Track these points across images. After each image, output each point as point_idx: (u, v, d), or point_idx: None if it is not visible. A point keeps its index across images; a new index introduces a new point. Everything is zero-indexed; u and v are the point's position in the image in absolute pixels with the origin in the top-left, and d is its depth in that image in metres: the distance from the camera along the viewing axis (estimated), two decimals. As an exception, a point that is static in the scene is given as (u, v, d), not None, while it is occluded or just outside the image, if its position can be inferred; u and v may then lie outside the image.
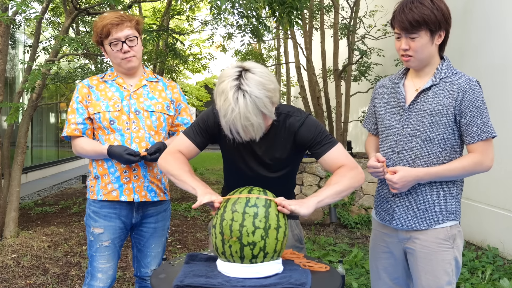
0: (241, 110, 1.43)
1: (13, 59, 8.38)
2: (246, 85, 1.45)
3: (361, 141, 8.91)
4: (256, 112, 1.45)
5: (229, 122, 1.45)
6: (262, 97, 1.46)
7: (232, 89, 1.44)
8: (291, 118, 1.70)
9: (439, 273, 1.72)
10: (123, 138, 2.07)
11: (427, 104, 1.72)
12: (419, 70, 1.79)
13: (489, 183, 4.56)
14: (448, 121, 1.70)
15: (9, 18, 4.20)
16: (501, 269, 3.82)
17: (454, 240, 1.74)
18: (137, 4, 6.84)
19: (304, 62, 7.68)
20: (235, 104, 1.43)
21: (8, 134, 4.78)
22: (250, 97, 1.44)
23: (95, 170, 2.12)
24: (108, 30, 2.02)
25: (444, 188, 1.75)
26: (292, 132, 1.69)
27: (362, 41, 7.15)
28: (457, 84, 1.70)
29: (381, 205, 1.87)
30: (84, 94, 2.11)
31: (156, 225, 2.19)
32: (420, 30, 1.66)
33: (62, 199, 7.03)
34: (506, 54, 4.40)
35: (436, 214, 1.74)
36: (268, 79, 1.50)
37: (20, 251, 4.15)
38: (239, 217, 1.41)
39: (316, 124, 1.71)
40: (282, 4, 3.92)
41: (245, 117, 1.44)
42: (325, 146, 1.68)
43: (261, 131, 1.52)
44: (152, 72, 2.28)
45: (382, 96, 1.89)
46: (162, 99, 2.17)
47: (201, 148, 1.77)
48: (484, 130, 1.68)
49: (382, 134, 1.87)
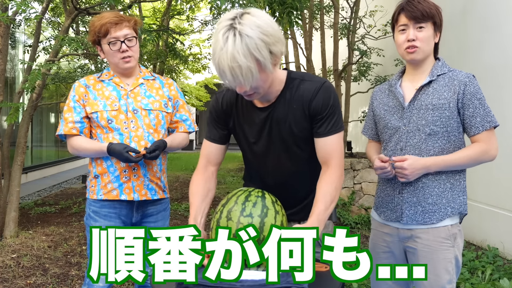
0: (228, 49, 1.29)
1: (13, 59, 8.38)
2: (239, 24, 1.31)
3: (361, 141, 8.91)
4: (246, 53, 1.30)
5: (216, 62, 1.33)
6: (255, 37, 1.31)
7: (224, 28, 1.32)
8: (305, 83, 1.53)
9: (440, 271, 1.73)
10: (122, 137, 2.07)
11: (428, 100, 1.76)
12: (416, 68, 1.83)
13: (489, 183, 4.57)
14: (451, 114, 1.73)
15: (9, 18, 4.20)
16: (501, 269, 3.82)
17: (455, 239, 1.76)
18: (137, 4, 6.83)
19: (304, 62, 7.68)
20: (223, 43, 1.30)
21: (8, 134, 4.78)
22: (240, 35, 1.30)
23: (95, 170, 2.12)
24: (107, 29, 2.02)
25: (451, 181, 1.77)
26: (306, 100, 1.52)
27: (362, 41, 7.15)
28: (456, 79, 1.75)
29: (386, 204, 1.88)
30: (81, 93, 2.11)
31: (156, 225, 2.19)
32: (428, 21, 1.74)
33: (62, 199, 7.03)
34: (506, 54, 4.40)
35: (445, 207, 1.76)
36: (267, 24, 1.35)
37: (20, 251, 4.15)
38: (233, 226, 1.38)
39: (331, 93, 1.52)
40: (282, 4, 3.92)
41: (232, 56, 1.29)
42: (331, 126, 1.51)
43: (252, 78, 1.34)
44: (147, 70, 2.29)
45: (380, 100, 1.93)
46: (160, 97, 2.17)
47: (223, 141, 1.70)
48: (487, 120, 1.73)
49: (384, 135, 1.89)
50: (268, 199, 1.46)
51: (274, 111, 1.56)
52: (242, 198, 1.44)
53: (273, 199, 1.48)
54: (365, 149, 2.06)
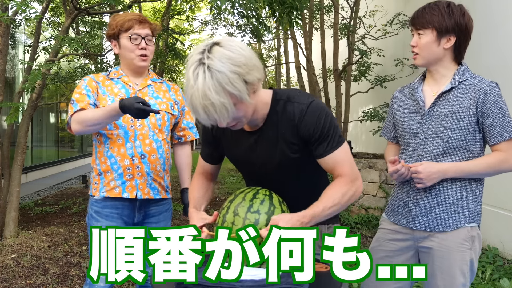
0: (199, 86, 1.23)
1: (13, 59, 8.39)
2: (209, 59, 1.25)
3: (361, 141, 8.91)
4: (218, 89, 1.23)
5: (188, 100, 1.27)
6: (226, 71, 1.24)
7: (194, 64, 1.26)
8: (291, 105, 1.46)
9: (455, 273, 1.71)
10: (127, 136, 2.08)
11: (448, 107, 1.74)
12: (433, 73, 1.82)
13: (489, 183, 4.55)
14: (470, 122, 1.71)
15: (9, 18, 4.20)
16: (501, 269, 3.81)
17: (473, 242, 1.74)
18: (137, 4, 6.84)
19: (304, 62, 7.68)
20: (194, 80, 1.24)
21: (8, 134, 4.78)
22: (210, 71, 1.23)
23: (99, 167, 2.12)
24: (131, 24, 2.08)
25: (467, 190, 1.74)
26: (294, 125, 1.45)
27: (362, 41, 7.15)
28: (477, 87, 1.72)
29: (398, 209, 1.86)
30: (93, 86, 2.12)
31: (157, 225, 2.19)
32: (427, 28, 1.75)
33: (62, 199, 7.03)
34: (506, 54, 4.40)
35: (459, 215, 1.73)
36: (239, 53, 1.27)
37: (20, 251, 4.15)
38: (240, 221, 1.38)
39: (320, 113, 1.43)
40: (282, 4, 3.93)
41: (204, 94, 1.23)
42: (328, 146, 1.44)
43: (227, 114, 1.28)
44: (155, 73, 2.33)
45: (400, 103, 1.91)
46: (166, 99, 2.21)
47: (217, 161, 1.70)
48: (507, 130, 1.69)
49: (403, 139, 1.88)
50: (275, 199, 1.46)
51: (263, 135, 1.50)
52: (250, 195, 1.45)
53: (280, 199, 1.49)
54: (365, 149, 2.07)
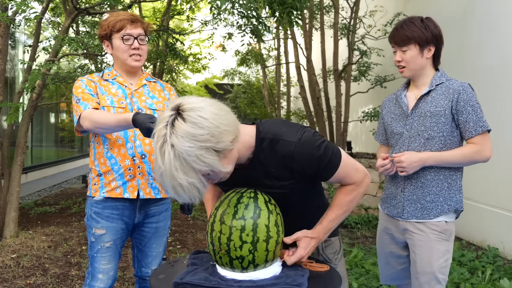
0: (166, 167, 1.16)
1: (13, 59, 8.39)
2: (172, 136, 1.16)
3: (361, 141, 8.91)
4: (186, 169, 1.16)
5: (158, 180, 1.21)
6: (192, 150, 1.15)
7: (160, 140, 1.18)
8: (278, 144, 1.39)
9: (432, 259, 1.94)
10: (127, 136, 2.08)
11: (427, 107, 1.98)
12: (416, 80, 2.05)
13: (489, 183, 4.57)
14: (446, 120, 1.94)
15: (9, 18, 4.20)
16: (501, 269, 3.82)
17: (450, 235, 1.98)
18: (137, 4, 6.84)
19: (304, 62, 7.69)
20: (161, 160, 1.17)
21: (8, 134, 4.78)
22: (174, 150, 1.15)
23: (98, 168, 2.11)
24: (123, 25, 2.07)
25: (448, 181, 1.98)
26: (287, 165, 1.40)
27: (362, 41, 7.15)
28: (452, 88, 1.95)
29: (389, 201, 2.12)
30: (92, 86, 2.11)
31: (157, 225, 2.20)
32: (410, 44, 1.96)
33: (62, 199, 7.04)
34: (506, 54, 4.40)
35: (442, 204, 1.97)
36: (202, 125, 1.17)
37: (20, 251, 4.15)
38: (227, 230, 1.35)
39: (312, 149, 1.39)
40: (282, 4, 3.92)
41: (171, 175, 1.16)
42: (326, 173, 1.45)
43: (198, 192, 1.21)
44: (148, 73, 2.33)
45: (388, 108, 2.17)
46: (162, 99, 2.21)
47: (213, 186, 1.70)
48: (479, 125, 1.92)
49: (392, 140, 2.12)
50: (260, 199, 1.41)
51: (249, 174, 1.46)
52: (234, 200, 1.40)
53: (266, 198, 1.43)
54: (365, 149, 2.18)
